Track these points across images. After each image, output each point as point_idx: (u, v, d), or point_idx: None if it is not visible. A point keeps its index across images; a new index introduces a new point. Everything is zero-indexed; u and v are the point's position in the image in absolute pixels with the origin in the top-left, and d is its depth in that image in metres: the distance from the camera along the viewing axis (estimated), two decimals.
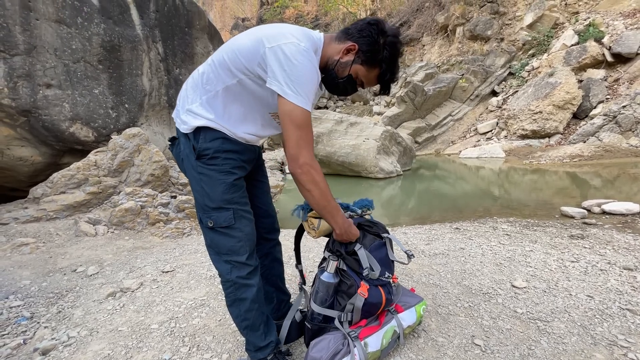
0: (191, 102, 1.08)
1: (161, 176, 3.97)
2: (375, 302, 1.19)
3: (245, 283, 1.10)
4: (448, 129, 11.36)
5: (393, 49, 1.06)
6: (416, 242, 2.80)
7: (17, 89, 3.28)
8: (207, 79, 1.06)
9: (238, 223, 1.08)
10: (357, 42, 1.05)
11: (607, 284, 1.90)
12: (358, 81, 1.11)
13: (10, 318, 1.85)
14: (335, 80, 1.10)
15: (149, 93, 4.57)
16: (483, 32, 11.87)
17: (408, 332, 1.32)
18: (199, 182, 1.07)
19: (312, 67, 0.98)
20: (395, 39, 1.07)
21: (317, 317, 1.21)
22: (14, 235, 3.09)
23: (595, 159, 7.18)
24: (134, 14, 4.29)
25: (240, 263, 1.09)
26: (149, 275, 2.23)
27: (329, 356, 1.06)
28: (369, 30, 1.04)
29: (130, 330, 1.52)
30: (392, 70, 1.09)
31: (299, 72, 0.94)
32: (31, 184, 3.84)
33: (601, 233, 2.97)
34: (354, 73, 1.08)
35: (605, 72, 9.13)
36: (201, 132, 1.05)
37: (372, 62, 1.07)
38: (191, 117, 1.06)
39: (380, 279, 1.20)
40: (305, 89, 0.96)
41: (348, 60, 1.06)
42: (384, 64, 1.07)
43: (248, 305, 1.11)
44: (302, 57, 0.94)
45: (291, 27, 1.04)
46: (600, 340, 1.35)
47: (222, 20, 31.71)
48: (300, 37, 0.98)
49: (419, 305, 1.34)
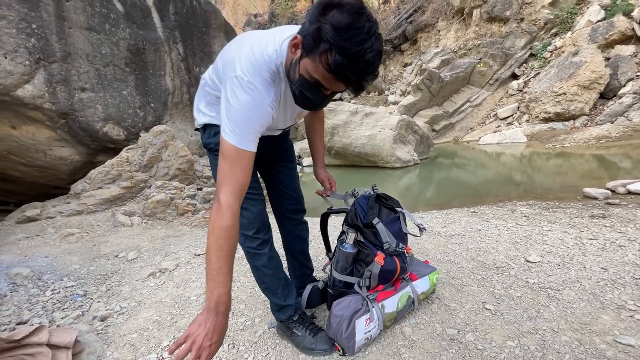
0: (199, 101, 1.21)
1: (187, 170, 4.21)
2: (391, 270, 1.31)
3: (256, 252, 1.25)
4: (466, 115, 11.12)
5: (339, 18, 0.76)
6: (433, 225, 2.88)
7: (56, 94, 3.57)
8: (209, 83, 1.13)
9: (245, 204, 1.16)
10: (299, 32, 0.84)
11: (624, 258, 1.93)
12: (313, 81, 0.85)
13: (67, 296, 2.10)
14: (291, 88, 0.93)
15: (172, 92, 4.81)
16: (501, 12, 11.45)
17: (422, 299, 1.43)
18: (213, 168, 1.21)
19: (254, 106, 0.89)
20: (345, 15, 0.76)
21: (338, 284, 1.34)
22: (61, 227, 3.41)
23: (624, 139, 6.88)
24: (155, 17, 4.52)
25: (249, 236, 1.23)
26: (182, 258, 2.44)
27: (350, 314, 1.19)
28: (311, 13, 0.81)
29: (173, 301, 1.71)
30: (350, 58, 0.77)
31: (234, 110, 0.89)
32: (70, 182, 4.18)
33: (624, 212, 2.93)
34: (303, 72, 0.85)
35: (635, 48, 8.63)
36: (207, 128, 1.19)
37: (314, 49, 0.80)
38: (200, 114, 1.20)
39: (396, 250, 1.32)
40: (239, 127, 0.89)
41: (296, 58, 0.86)
42: (330, 44, 0.76)
43: (262, 271, 1.27)
44: (241, 92, 0.88)
45: (247, 49, 0.93)
46: (609, 304, 1.41)
47: (234, 17, 32.06)
48: (246, 68, 0.89)
49: (432, 274, 1.45)
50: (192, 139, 5.22)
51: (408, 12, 15.05)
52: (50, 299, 1.97)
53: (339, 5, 0.77)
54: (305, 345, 1.27)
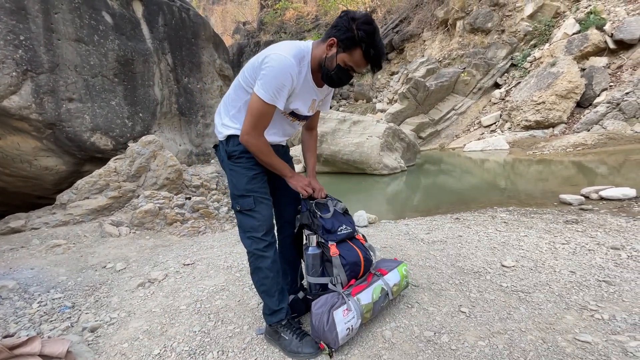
0: (223, 117, 1.41)
1: (176, 179, 4.23)
2: (354, 260, 1.43)
3: (262, 254, 1.37)
4: (452, 123, 11.43)
5: (366, 27, 1.20)
6: (416, 232, 2.98)
7: (43, 104, 3.57)
8: (231, 99, 1.38)
9: (258, 207, 1.36)
10: (335, 36, 1.23)
11: (592, 261, 2.06)
12: (349, 68, 1.27)
13: (54, 307, 2.10)
14: (329, 73, 1.28)
15: (160, 102, 4.84)
16: (483, 24, 11.89)
17: (397, 291, 1.53)
18: (230, 176, 1.40)
19: (284, 71, 1.20)
20: (366, 19, 1.21)
21: (315, 288, 1.45)
22: (46, 238, 3.38)
23: (599, 147, 7.22)
24: (145, 28, 4.57)
25: (257, 238, 1.36)
26: (172, 268, 2.47)
27: (327, 309, 1.30)
28: (341, 22, 1.22)
29: (163, 311, 1.75)
30: (374, 46, 1.22)
31: (270, 73, 1.19)
32: (56, 192, 4.14)
33: (595, 217, 3.09)
34: (341, 62, 1.25)
35: (607, 60, 9.10)
36: (231, 139, 1.38)
37: (352, 46, 1.22)
38: (225, 128, 1.39)
39: (339, 232, 1.45)
40: (270, 86, 1.20)
41: (333, 54, 1.24)
42: (363, 43, 1.21)
43: (264, 273, 1.37)
44: (276, 62, 1.19)
45: (284, 43, 1.27)
46: (573, 305, 1.53)
47: (223, 25, 32.14)
48: (283, 49, 1.23)
49: (400, 267, 1.57)
50: (180, 149, 5.24)
51: (394, 22, 15.45)
52: (37, 311, 1.97)
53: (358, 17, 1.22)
54: (291, 348, 1.34)
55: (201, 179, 4.76)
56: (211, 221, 3.92)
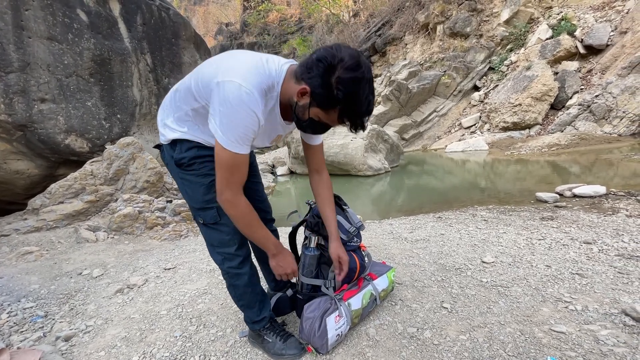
0: (167, 117, 1.17)
1: (156, 182, 4.12)
2: (352, 267, 1.41)
3: (237, 272, 1.25)
4: (434, 124, 11.68)
5: (347, 86, 0.92)
6: (400, 231, 3.02)
7: (13, 105, 3.41)
8: (179, 98, 1.12)
9: (224, 219, 1.17)
10: (309, 84, 0.95)
11: (566, 255, 2.14)
12: (324, 123, 1.03)
13: (26, 317, 1.99)
14: (300, 123, 1.06)
15: (139, 103, 4.71)
16: (462, 29, 12.25)
17: (383, 296, 1.55)
18: (182, 186, 1.20)
19: (248, 113, 0.95)
20: (350, 74, 0.92)
21: (307, 288, 1.42)
22: (17, 245, 3.21)
23: (572, 147, 7.55)
24: (122, 27, 4.44)
25: (230, 254, 1.22)
26: (152, 272, 2.40)
27: (320, 314, 1.27)
28: (317, 69, 0.93)
29: (142, 317, 1.70)
30: (354, 110, 0.96)
31: (231, 117, 0.94)
32: (28, 197, 3.96)
33: (569, 214, 3.23)
34: (314, 116, 1.01)
35: (578, 64, 9.55)
36: (177, 144, 1.14)
37: (327, 104, 0.96)
38: (168, 130, 1.15)
39: (349, 244, 1.43)
40: (235, 133, 0.96)
41: (305, 104, 0.99)
42: (340, 104, 0.95)
43: (242, 290, 1.29)
44: (237, 100, 0.93)
45: (247, 60, 1.00)
46: (548, 298, 1.58)
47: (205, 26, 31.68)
48: (245, 77, 0.94)
49: (389, 272, 1.59)
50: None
51: (377, 25, 15.68)
52: (6, 322, 1.87)
53: (340, 67, 0.92)
54: (275, 350, 1.32)
55: None
56: (193, 224, 3.83)
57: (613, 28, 9.27)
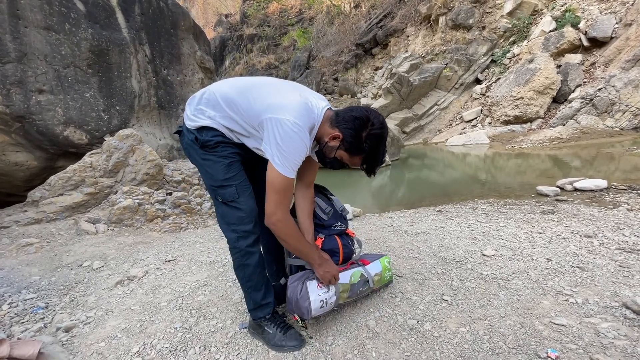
0: (206, 109, 1.26)
1: (156, 174, 4.11)
2: (331, 247, 1.46)
3: (250, 251, 1.30)
4: (434, 118, 11.62)
5: (374, 142, 1.21)
6: (400, 224, 3.02)
7: (11, 96, 3.37)
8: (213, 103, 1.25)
9: (242, 197, 1.28)
10: (342, 132, 1.20)
11: (567, 249, 2.14)
12: (345, 163, 1.29)
13: (27, 308, 2.00)
14: (324, 159, 1.30)
15: (138, 95, 4.67)
16: (465, 21, 12.09)
17: (378, 281, 1.55)
18: (204, 167, 1.28)
19: (302, 145, 1.16)
20: (378, 132, 1.21)
21: (295, 270, 1.47)
22: (17, 236, 3.21)
23: (574, 140, 7.52)
24: (120, 17, 4.37)
25: (246, 232, 1.28)
26: (152, 265, 2.40)
27: (303, 279, 1.35)
28: (353, 124, 1.20)
29: (142, 308, 1.70)
30: (374, 159, 1.26)
31: (289, 148, 1.14)
32: (27, 189, 3.94)
33: (570, 208, 3.22)
34: (339, 156, 1.26)
35: (582, 57, 9.45)
36: (204, 130, 1.24)
37: (354, 152, 1.23)
38: (201, 119, 1.25)
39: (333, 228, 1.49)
40: (291, 161, 1.16)
41: (334, 146, 1.24)
42: (365, 154, 1.23)
43: (252, 270, 1.32)
44: (294, 135, 1.13)
45: (296, 101, 1.19)
46: (549, 291, 1.58)
47: (204, 17, 31.27)
48: (298, 116, 1.15)
49: (382, 259, 1.60)
50: (160, 143, 5.08)
51: (378, 17, 15.48)
52: (7, 313, 1.87)
53: (370, 126, 1.21)
54: (275, 342, 1.32)
55: (183, 174, 4.64)
56: (193, 217, 3.83)
57: (618, 20, 9.15)
